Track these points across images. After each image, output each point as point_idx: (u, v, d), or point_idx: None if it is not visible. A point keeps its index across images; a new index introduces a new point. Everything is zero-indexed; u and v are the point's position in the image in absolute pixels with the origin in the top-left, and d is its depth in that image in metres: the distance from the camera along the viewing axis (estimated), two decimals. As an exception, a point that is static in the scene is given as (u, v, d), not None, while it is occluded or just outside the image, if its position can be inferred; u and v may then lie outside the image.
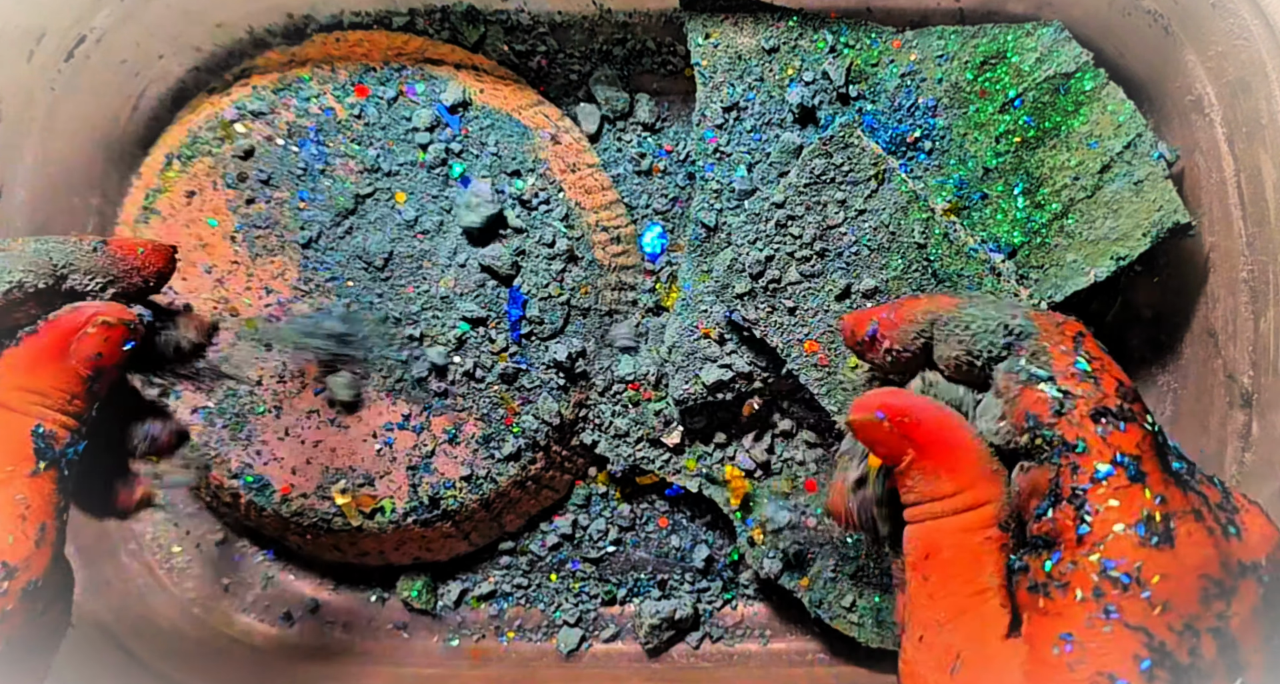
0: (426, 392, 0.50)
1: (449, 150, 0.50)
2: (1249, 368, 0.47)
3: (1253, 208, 0.46)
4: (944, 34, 0.48)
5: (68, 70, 0.47)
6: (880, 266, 0.46)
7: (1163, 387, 0.55)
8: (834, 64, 0.48)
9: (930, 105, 0.48)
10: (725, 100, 0.49)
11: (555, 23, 0.53)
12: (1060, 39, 0.47)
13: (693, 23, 0.49)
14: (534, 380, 0.51)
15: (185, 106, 0.52)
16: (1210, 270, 0.51)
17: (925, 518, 0.30)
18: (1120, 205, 0.47)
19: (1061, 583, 0.26)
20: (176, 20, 0.50)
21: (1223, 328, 0.50)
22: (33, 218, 0.48)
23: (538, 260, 0.50)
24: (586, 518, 0.55)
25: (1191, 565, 0.26)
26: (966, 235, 0.46)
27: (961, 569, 0.28)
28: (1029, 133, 0.48)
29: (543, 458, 0.52)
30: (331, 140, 0.50)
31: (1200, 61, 0.48)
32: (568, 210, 0.51)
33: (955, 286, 0.46)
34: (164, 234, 0.50)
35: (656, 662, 0.54)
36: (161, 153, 0.51)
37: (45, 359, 0.31)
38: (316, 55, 0.51)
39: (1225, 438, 0.49)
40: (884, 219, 0.46)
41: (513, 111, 0.51)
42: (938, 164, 0.49)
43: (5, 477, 0.30)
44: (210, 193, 0.50)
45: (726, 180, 0.49)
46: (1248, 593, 0.26)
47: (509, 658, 0.54)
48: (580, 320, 0.51)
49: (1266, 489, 0.45)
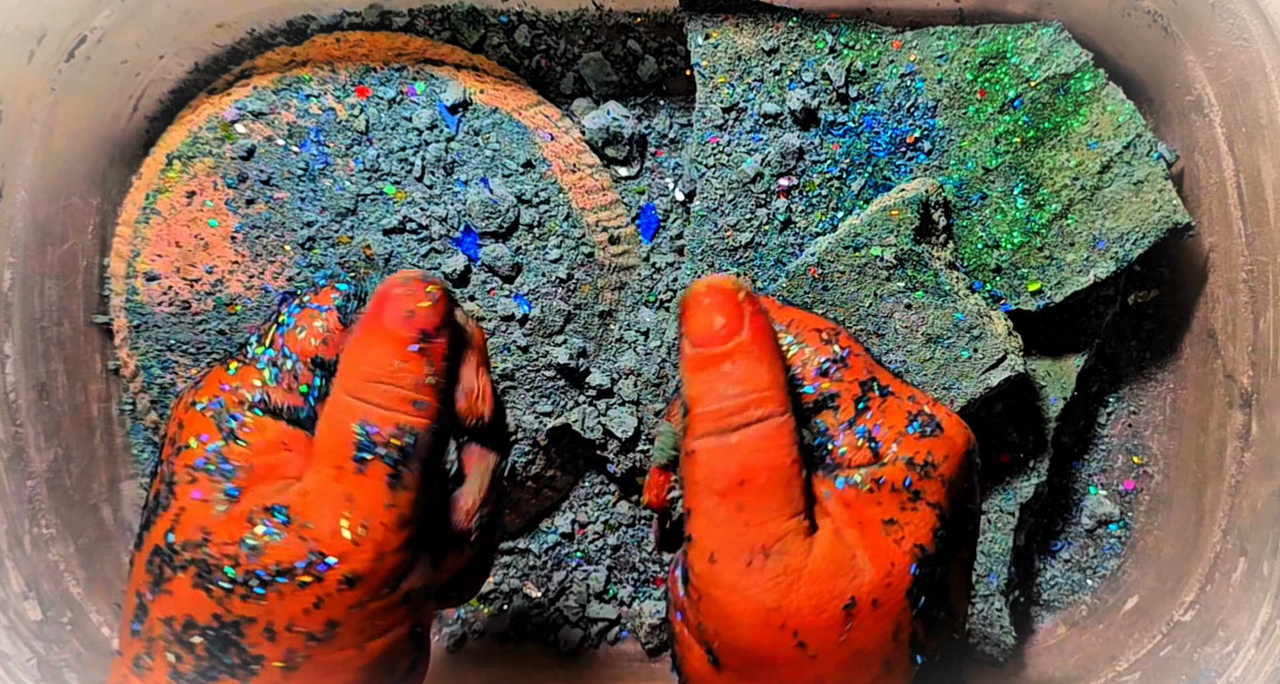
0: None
1: (449, 150, 0.50)
2: (1249, 368, 0.47)
3: (1252, 208, 0.46)
4: (944, 34, 0.48)
5: (68, 70, 0.47)
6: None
7: (1163, 386, 0.55)
8: (834, 64, 0.48)
9: (930, 105, 0.48)
10: (725, 100, 0.49)
11: (555, 23, 0.53)
12: (1060, 39, 0.47)
13: (693, 23, 0.49)
14: (534, 380, 0.51)
15: (185, 106, 0.52)
16: (1210, 270, 0.51)
17: (736, 425, 0.29)
18: (1120, 205, 0.47)
19: (878, 480, 0.30)
20: (177, 20, 0.50)
21: (1222, 328, 0.50)
22: (33, 218, 0.48)
23: (538, 260, 0.50)
24: (586, 518, 0.55)
25: (959, 445, 0.31)
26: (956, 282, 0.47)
27: (779, 491, 0.29)
28: (1029, 133, 0.48)
29: (542, 458, 0.52)
30: (332, 140, 0.50)
31: (1200, 62, 0.48)
32: (568, 210, 0.51)
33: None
34: (164, 234, 0.50)
35: (656, 662, 0.54)
36: (162, 153, 0.51)
37: (369, 331, 0.31)
38: (317, 56, 0.51)
39: (1225, 438, 0.49)
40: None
41: (513, 111, 0.51)
42: (938, 164, 0.49)
43: (334, 473, 0.30)
44: (210, 193, 0.50)
45: (727, 180, 0.49)
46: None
47: (509, 658, 0.54)
48: (580, 320, 0.51)
49: (1266, 489, 0.45)
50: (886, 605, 0.29)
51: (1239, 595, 0.45)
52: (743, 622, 0.29)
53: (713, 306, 0.30)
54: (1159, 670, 0.47)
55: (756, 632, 0.29)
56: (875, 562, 0.29)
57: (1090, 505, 0.55)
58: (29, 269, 0.48)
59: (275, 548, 0.29)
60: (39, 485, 0.48)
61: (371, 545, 0.29)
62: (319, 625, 0.29)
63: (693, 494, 0.30)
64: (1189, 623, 0.48)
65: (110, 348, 0.53)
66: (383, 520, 0.30)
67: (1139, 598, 0.53)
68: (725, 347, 0.30)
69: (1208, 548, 0.49)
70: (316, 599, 0.29)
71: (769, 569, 0.28)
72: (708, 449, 0.29)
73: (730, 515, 0.29)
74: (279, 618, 0.29)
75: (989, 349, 0.46)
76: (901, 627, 0.29)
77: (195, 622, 0.29)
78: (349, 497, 0.30)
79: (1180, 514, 0.52)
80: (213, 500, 0.30)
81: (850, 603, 0.28)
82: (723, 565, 0.29)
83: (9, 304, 0.47)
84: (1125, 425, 0.56)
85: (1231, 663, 0.43)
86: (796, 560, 0.29)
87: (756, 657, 0.29)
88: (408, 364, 0.31)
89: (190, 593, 0.29)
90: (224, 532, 0.29)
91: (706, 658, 0.30)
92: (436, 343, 0.32)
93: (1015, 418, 0.52)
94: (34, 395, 0.48)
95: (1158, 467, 0.55)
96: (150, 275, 0.50)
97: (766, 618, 0.28)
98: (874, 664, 0.29)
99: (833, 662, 0.29)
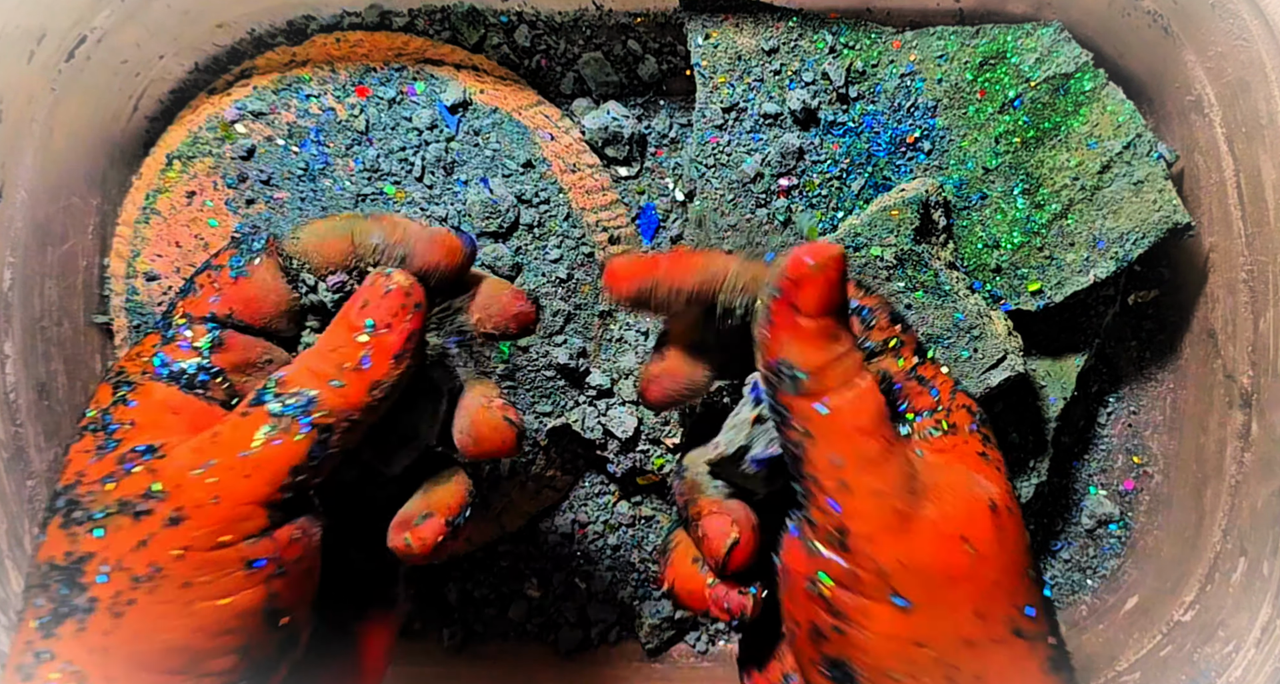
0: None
1: (449, 150, 0.50)
2: (1248, 368, 0.47)
3: (1252, 208, 0.46)
4: (944, 34, 0.48)
5: (68, 70, 0.47)
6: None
7: (1163, 386, 0.55)
8: (834, 64, 0.48)
9: (930, 105, 0.48)
10: (725, 100, 0.49)
11: (555, 23, 0.53)
12: (1060, 39, 0.47)
13: (693, 23, 0.49)
14: (534, 380, 0.51)
15: (185, 106, 0.52)
16: (1210, 270, 0.51)
17: (853, 376, 0.31)
18: (1120, 205, 0.47)
19: (951, 424, 0.34)
20: (177, 20, 0.50)
21: (1222, 328, 0.50)
22: (33, 218, 0.48)
23: (538, 260, 0.50)
24: (586, 518, 0.55)
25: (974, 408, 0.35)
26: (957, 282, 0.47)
27: (894, 429, 0.31)
28: (1029, 133, 0.48)
29: (543, 458, 0.52)
30: (332, 140, 0.50)
31: (1200, 62, 0.48)
32: (568, 210, 0.51)
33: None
34: (164, 234, 0.50)
35: (656, 662, 0.54)
36: (162, 153, 0.51)
37: (340, 320, 0.32)
38: (317, 56, 0.51)
39: (1225, 438, 0.49)
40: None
41: (513, 111, 0.51)
42: (938, 164, 0.49)
43: (232, 417, 0.31)
44: (210, 193, 0.50)
45: (727, 180, 0.49)
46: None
47: (509, 658, 0.54)
48: (580, 320, 0.51)
49: (1266, 489, 0.45)
50: (1014, 512, 0.32)
51: (1239, 595, 0.45)
52: (924, 544, 0.30)
53: (832, 281, 0.31)
54: (1159, 670, 0.47)
55: (937, 548, 0.30)
56: (990, 477, 0.32)
57: (1090, 505, 0.55)
58: (29, 269, 0.48)
59: (127, 481, 0.30)
60: (39, 485, 0.48)
61: (205, 484, 0.29)
62: (143, 566, 0.29)
63: (842, 445, 0.30)
64: (1189, 623, 0.48)
65: (110, 348, 0.53)
66: (231, 464, 0.30)
67: (1139, 598, 0.53)
68: (833, 317, 0.31)
69: (1208, 548, 0.49)
70: (145, 536, 0.29)
71: (924, 491, 0.30)
72: (848, 398, 0.30)
73: (883, 448, 0.30)
74: (112, 554, 0.29)
75: (989, 349, 0.46)
76: (1024, 532, 0.32)
77: (56, 562, 0.30)
78: (216, 435, 0.30)
79: (1180, 514, 0.52)
80: (92, 450, 0.31)
81: (993, 505, 0.31)
82: (890, 497, 0.30)
83: (9, 304, 0.47)
84: (1125, 425, 0.56)
85: (1231, 663, 0.43)
86: (934, 477, 0.31)
87: (943, 574, 0.30)
88: (347, 349, 0.32)
89: (57, 534, 0.30)
90: (94, 471, 0.30)
91: (894, 609, 0.30)
92: (400, 362, 0.32)
93: (1015, 418, 0.52)
94: (34, 395, 0.48)
95: (1158, 467, 0.55)
96: (150, 275, 0.50)
97: (940, 531, 0.30)
98: (1024, 566, 0.31)
99: (999, 563, 0.30)
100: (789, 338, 0.31)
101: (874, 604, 0.30)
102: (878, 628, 0.30)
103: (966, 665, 0.29)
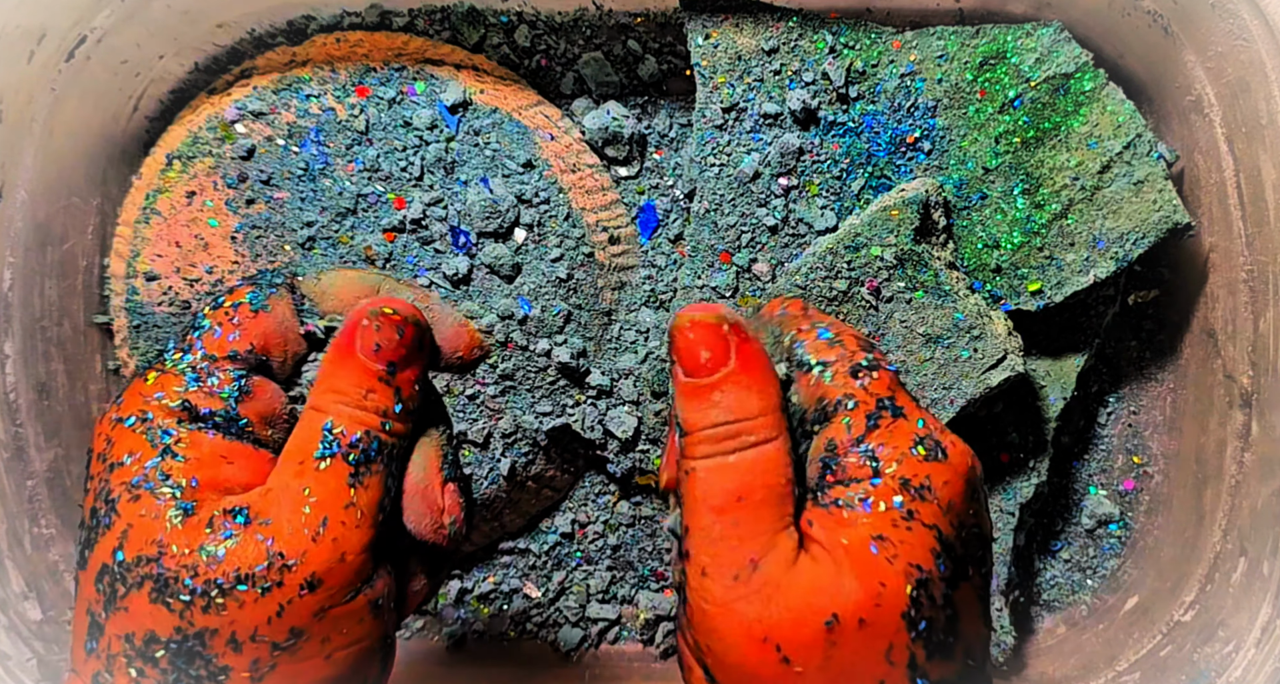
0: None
1: (449, 150, 0.50)
2: (1248, 368, 0.47)
3: (1252, 208, 0.46)
4: (944, 34, 0.48)
5: (68, 70, 0.47)
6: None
7: (1163, 386, 0.55)
8: (834, 64, 0.48)
9: (930, 105, 0.48)
10: (725, 100, 0.49)
11: (555, 23, 0.53)
12: (1060, 39, 0.47)
13: (693, 23, 0.49)
14: (534, 380, 0.51)
15: (185, 106, 0.52)
16: (1210, 270, 0.51)
17: (731, 449, 0.30)
18: (1120, 205, 0.47)
19: (865, 499, 0.30)
20: (176, 20, 0.50)
21: (1222, 328, 0.50)
22: (33, 218, 0.48)
23: (538, 260, 0.50)
24: (586, 518, 0.55)
25: (961, 471, 0.31)
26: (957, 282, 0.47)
27: (772, 508, 0.30)
28: (1029, 133, 0.48)
29: (543, 458, 0.52)
30: (332, 140, 0.50)
31: (1200, 62, 0.48)
32: (568, 210, 0.51)
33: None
34: (164, 234, 0.50)
35: (656, 662, 0.54)
36: (162, 153, 0.51)
37: (340, 358, 0.32)
38: (317, 56, 0.51)
39: (1225, 438, 0.49)
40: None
41: (513, 111, 0.51)
42: (938, 164, 0.49)
43: (297, 469, 0.30)
44: (210, 193, 0.50)
45: (727, 179, 0.49)
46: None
47: (509, 658, 0.54)
48: (580, 320, 0.51)
49: (1266, 489, 0.45)
50: (876, 625, 0.28)
51: (1239, 595, 0.45)
52: (729, 635, 0.29)
53: (698, 340, 0.31)
54: (1159, 670, 0.47)
55: (742, 645, 0.29)
56: (862, 580, 0.29)
57: (1090, 505, 0.55)
58: (29, 269, 0.48)
59: (234, 552, 0.29)
60: (39, 485, 0.48)
61: (330, 544, 0.30)
62: (283, 634, 0.29)
63: (691, 511, 0.30)
64: (1189, 623, 0.48)
65: (110, 348, 0.53)
66: (342, 518, 0.30)
67: (1139, 598, 0.53)
68: (714, 377, 0.31)
69: (1208, 548, 0.49)
70: (279, 606, 0.29)
71: (753, 582, 0.29)
72: (706, 468, 0.30)
73: (725, 531, 0.30)
74: (242, 627, 0.29)
75: (989, 349, 0.46)
76: (895, 648, 0.28)
77: (157, 636, 0.29)
78: (309, 492, 0.30)
79: (1180, 514, 0.52)
80: (165, 515, 0.30)
81: (832, 619, 0.28)
82: (712, 579, 0.29)
83: (9, 304, 0.47)
84: (1125, 425, 0.56)
85: (1231, 663, 0.43)
86: (778, 572, 0.29)
87: (745, 672, 0.29)
88: (375, 393, 0.32)
89: (149, 608, 0.29)
90: (181, 542, 0.29)
91: (704, 678, 0.31)
92: (403, 375, 0.32)
93: (1015, 418, 0.52)
94: (34, 395, 0.48)
95: (1158, 467, 0.55)
96: (150, 275, 0.50)
97: (749, 630, 0.29)
98: (868, 678, 0.29)
99: (819, 679, 0.29)
100: (678, 392, 0.31)
101: (695, 664, 0.31)
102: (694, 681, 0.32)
103: None
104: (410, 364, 0.33)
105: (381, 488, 0.31)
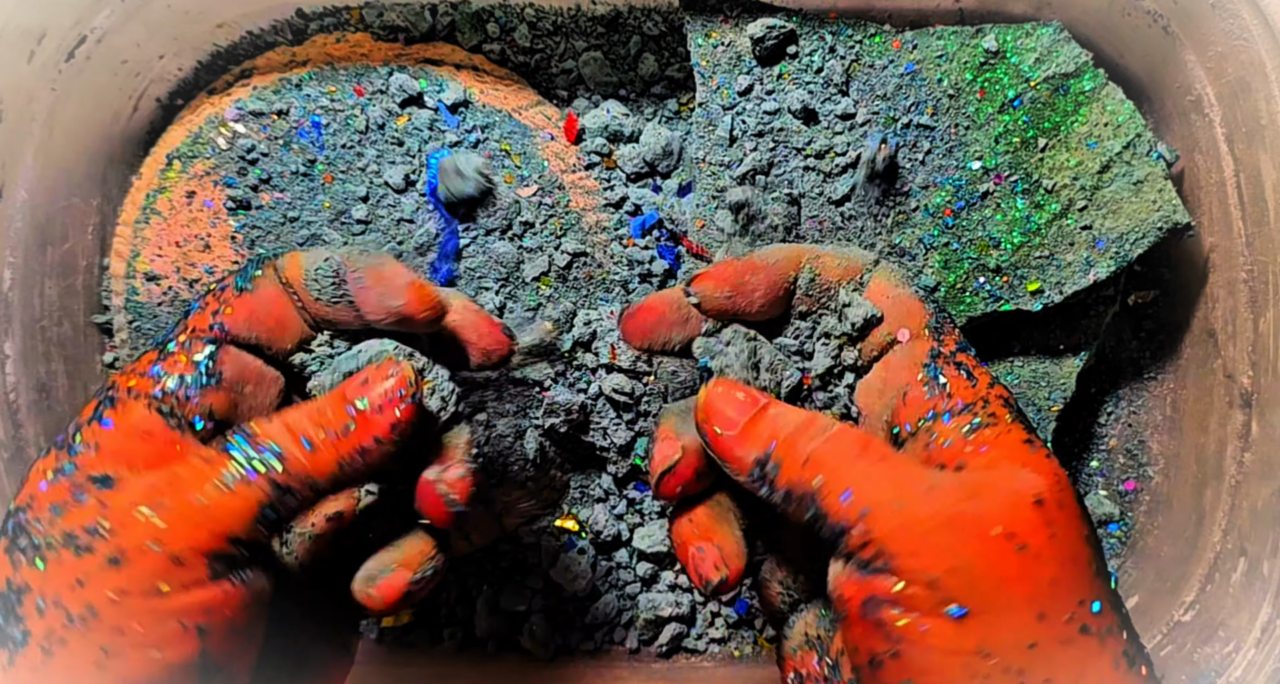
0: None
1: (449, 150, 0.50)
2: (1249, 368, 0.47)
3: (1252, 208, 0.46)
4: (944, 34, 0.48)
5: (68, 70, 0.47)
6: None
7: (1163, 386, 0.55)
8: (834, 64, 0.48)
9: (930, 105, 0.48)
10: (725, 100, 0.49)
11: (555, 23, 0.53)
12: (1060, 39, 0.47)
13: (693, 23, 0.49)
14: (535, 381, 0.51)
15: (185, 106, 0.52)
16: (1210, 270, 0.51)
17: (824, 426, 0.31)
18: (1120, 205, 0.47)
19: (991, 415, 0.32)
20: (177, 20, 0.50)
21: (1222, 328, 0.50)
22: (33, 218, 0.48)
23: (539, 260, 0.50)
24: (587, 516, 0.55)
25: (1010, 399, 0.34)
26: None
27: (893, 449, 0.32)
28: (1028, 133, 0.48)
29: (543, 458, 0.52)
30: (332, 140, 0.50)
31: (1200, 62, 0.48)
32: (568, 210, 0.51)
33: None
34: (164, 234, 0.50)
35: (657, 662, 0.54)
36: (162, 153, 0.51)
37: (332, 398, 0.32)
38: (317, 56, 0.51)
39: (1225, 438, 0.49)
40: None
41: (513, 111, 0.51)
42: (938, 164, 0.49)
43: (197, 452, 0.30)
44: (210, 193, 0.50)
45: (727, 179, 0.49)
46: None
47: (509, 658, 0.54)
48: (580, 320, 0.51)
49: (1266, 489, 0.45)
50: (1069, 503, 0.30)
51: (1239, 595, 0.45)
52: (966, 545, 0.29)
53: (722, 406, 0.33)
54: (1159, 670, 0.47)
55: (980, 548, 0.29)
56: (1038, 467, 0.30)
57: (1090, 505, 0.55)
58: (29, 269, 0.48)
59: (76, 512, 0.28)
60: (39, 485, 0.48)
61: (153, 529, 0.28)
62: (78, 605, 0.28)
63: (837, 476, 0.30)
64: (1189, 623, 0.48)
65: (110, 348, 0.53)
66: (184, 510, 0.29)
67: (1139, 598, 0.53)
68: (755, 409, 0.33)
69: (1208, 548, 0.49)
70: (83, 575, 0.28)
71: (948, 488, 0.29)
72: (827, 439, 0.31)
73: (884, 467, 0.30)
74: (49, 589, 0.28)
75: None
76: (1084, 529, 0.30)
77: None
78: (173, 475, 0.29)
79: (1180, 514, 0.52)
80: (50, 469, 0.30)
81: (1039, 499, 0.29)
82: (912, 503, 0.29)
83: (9, 304, 0.47)
84: (1125, 425, 0.55)
85: (1231, 663, 0.43)
86: (965, 474, 0.30)
87: (994, 577, 0.28)
88: (332, 415, 0.31)
89: (1, 557, 0.29)
90: (46, 497, 0.29)
91: (950, 621, 0.28)
92: (380, 446, 0.31)
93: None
94: (34, 395, 0.48)
95: (1158, 467, 0.55)
96: (150, 275, 0.50)
97: (981, 530, 0.29)
98: (1084, 559, 0.29)
99: (1054, 559, 0.29)
100: (728, 449, 0.32)
101: (930, 619, 0.29)
102: (937, 643, 0.29)
103: (1033, 670, 0.28)
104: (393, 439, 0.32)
105: (258, 509, 0.29)
